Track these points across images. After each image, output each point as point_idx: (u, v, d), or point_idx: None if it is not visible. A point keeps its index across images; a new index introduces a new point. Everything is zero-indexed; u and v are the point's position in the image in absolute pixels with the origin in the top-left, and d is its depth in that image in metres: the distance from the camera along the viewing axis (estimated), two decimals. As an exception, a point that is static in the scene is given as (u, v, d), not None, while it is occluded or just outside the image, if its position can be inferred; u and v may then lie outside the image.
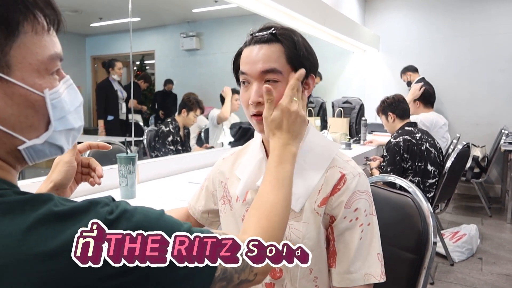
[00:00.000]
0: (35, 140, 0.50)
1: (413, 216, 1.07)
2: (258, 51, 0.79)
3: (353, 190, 0.80)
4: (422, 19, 4.93)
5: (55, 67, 0.51)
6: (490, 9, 4.57)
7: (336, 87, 4.94)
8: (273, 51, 0.79)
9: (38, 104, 0.49)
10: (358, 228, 0.79)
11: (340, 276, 0.79)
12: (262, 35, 0.80)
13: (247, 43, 0.82)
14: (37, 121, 0.49)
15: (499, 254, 2.97)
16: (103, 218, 0.44)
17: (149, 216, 0.49)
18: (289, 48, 0.79)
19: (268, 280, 0.85)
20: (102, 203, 0.47)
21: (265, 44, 0.79)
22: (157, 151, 2.65)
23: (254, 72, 0.79)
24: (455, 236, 2.98)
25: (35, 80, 0.48)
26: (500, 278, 2.58)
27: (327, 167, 0.83)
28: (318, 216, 0.80)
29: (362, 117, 3.53)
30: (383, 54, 5.17)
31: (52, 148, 0.53)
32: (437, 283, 2.51)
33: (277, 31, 0.80)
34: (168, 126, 2.68)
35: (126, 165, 1.44)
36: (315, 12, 3.12)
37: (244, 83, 0.82)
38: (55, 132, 0.52)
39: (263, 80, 0.79)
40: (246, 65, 0.80)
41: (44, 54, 0.49)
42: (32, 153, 0.51)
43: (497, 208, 4.13)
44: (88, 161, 0.81)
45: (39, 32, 0.48)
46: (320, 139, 0.87)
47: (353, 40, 4.20)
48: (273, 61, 0.78)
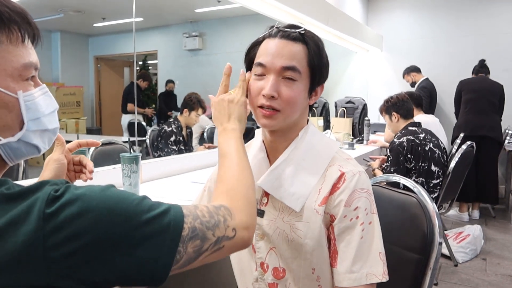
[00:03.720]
0: (10, 139, 0.55)
1: (418, 216, 1.06)
2: (283, 46, 0.79)
3: (353, 189, 0.79)
4: (425, 18, 4.91)
5: (29, 75, 0.57)
6: (494, 9, 4.55)
7: (339, 87, 4.93)
8: (298, 50, 0.79)
9: (12, 104, 0.54)
10: (358, 227, 0.78)
11: (342, 275, 0.78)
12: (290, 32, 0.80)
13: (271, 35, 0.81)
14: (10, 120, 0.54)
15: (503, 255, 2.95)
16: (48, 194, 0.47)
17: (94, 191, 0.50)
18: (313, 52, 0.80)
19: (271, 280, 0.85)
20: (51, 182, 0.50)
21: (292, 42, 0.79)
22: (159, 151, 2.65)
23: (275, 66, 0.78)
24: (459, 237, 2.96)
25: (9, 84, 0.54)
26: (504, 279, 2.56)
27: (327, 166, 0.82)
28: (319, 216, 0.80)
29: (365, 117, 3.52)
30: (386, 54, 5.16)
31: (28, 147, 0.58)
32: (441, 284, 2.50)
33: (305, 32, 0.80)
34: (171, 126, 2.68)
35: (129, 165, 1.44)
36: (318, 12, 3.11)
37: (258, 75, 0.81)
38: (29, 132, 0.57)
39: (281, 76, 0.79)
40: (267, 56, 0.79)
41: (18, 62, 0.54)
42: (8, 151, 0.56)
43: (501, 209, 4.11)
44: (78, 158, 0.87)
45: (13, 42, 0.54)
46: (319, 138, 0.87)
47: (356, 40, 4.19)
48: (296, 60, 0.78)
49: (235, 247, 0.61)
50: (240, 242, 0.61)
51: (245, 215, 0.64)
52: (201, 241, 0.55)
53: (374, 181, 1.36)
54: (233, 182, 0.68)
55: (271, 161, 0.88)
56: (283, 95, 0.78)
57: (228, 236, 0.59)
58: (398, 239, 1.07)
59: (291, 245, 0.82)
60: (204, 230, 0.56)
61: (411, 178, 2.40)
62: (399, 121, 2.59)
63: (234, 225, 0.60)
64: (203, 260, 0.57)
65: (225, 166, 0.72)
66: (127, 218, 0.49)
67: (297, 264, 0.83)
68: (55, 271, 0.45)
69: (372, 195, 0.82)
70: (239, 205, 0.64)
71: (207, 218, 0.57)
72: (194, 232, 0.54)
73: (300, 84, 0.79)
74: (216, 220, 0.58)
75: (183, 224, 0.54)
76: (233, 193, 0.66)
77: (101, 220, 0.47)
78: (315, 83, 0.83)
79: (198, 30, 4.22)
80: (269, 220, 0.84)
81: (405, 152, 2.38)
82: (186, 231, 0.53)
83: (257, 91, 0.80)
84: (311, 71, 0.80)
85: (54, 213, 0.46)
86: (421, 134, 2.45)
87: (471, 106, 3.71)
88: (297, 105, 0.80)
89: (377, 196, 1.18)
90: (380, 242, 0.80)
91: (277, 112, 0.79)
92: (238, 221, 0.61)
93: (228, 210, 0.62)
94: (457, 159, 2.52)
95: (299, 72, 0.79)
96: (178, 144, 2.67)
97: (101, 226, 0.47)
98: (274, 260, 0.85)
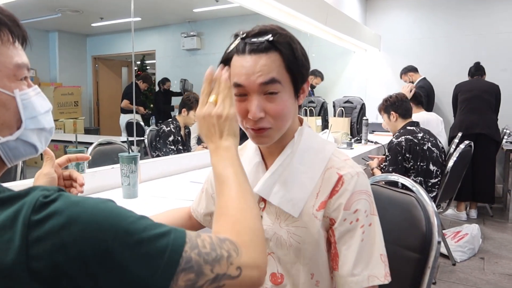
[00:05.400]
0: (9, 137, 0.55)
1: (417, 215, 1.06)
2: (256, 62, 0.73)
3: (351, 191, 0.78)
4: (424, 18, 4.92)
5: (22, 75, 0.57)
6: (492, 8, 4.56)
7: (337, 86, 4.94)
8: (272, 61, 0.74)
9: (9, 103, 0.55)
10: (359, 229, 0.77)
11: (343, 279, 0.77)
12: (258, 43, 0.74)
13: (239, 51, 0.75)
14: (8, 119, 0.55)
15: (501, 254, 2.96)
16: (36, 200, 0.45)
17: (88, 202, 0.47)
18: (288, 57, 0.75)
19: (270, 286, 0.84)
20: (41, 188, 0.48)
21: (263, 54, 0.74)
22: (158, 151, 2.65)
23: (253, 85, 0.74)
24: (457, 236, 2.97)
25: (5, 83, 0.54)
26: (502, 278, 2.57)
27: (324, 169, 0.81)
28: (317, 220, 0.79)
29: (364, 117, 3.52)
30: (384, 54, 5.17)
31: (26, 146, 0.58)
32: (439, 283, 2.51)
33: (275, 38, 0.74)
34: (169, 126, 2.68)
35: (128, 165, 1.44)
36: (316, 12, 3.12)
37: (239, 96, 0.76)
38: (27, 130, 0.57)
39: (263, 92, 0.74)
40: (242, 76, 0.74)
41: (11, 62, 0.55)
42: (7, 151, 0.56)
43: (499, 208, 4.12)
44: (68, 172, 0.85)
45: (5, 43, 0.55)
46: (315, 140, 0.85)
47: (354, 39, 4.20)
48: (273, 71, 0.74)
49: (236, 286, 0.52)
50: (248, 283, 0.53)
51: (254, 251, 0.56)
52: (196, 275, 0.48)
53: (372, 180, 1.36)
54: (236, 214, 0.60)
55: (267, 164, 0.86)
56: (271, 111, 0.75)
57: (230, 275, 0.51)
58: (397, 238, 1.07)
59: (289, 250, 0.81)
60: (200, 264, 0.49)
61: (410, 177, 2.40)
62: (397, 120, 2.59)
63: (240, 263, 0.53)
64: None
65: (225, 195, 0.63)
66: (117, 235, 0.45)
67: (296, 269, 0.82)
68: (38, 284, 0.42)
69: (371, 196, 0.81)
70: (246, 240, 0.56)
71: (208, 250, 0.51)
72: (189, 264, 0.48)
73: (283, 94, 0.75)
74: (219, 254, 0.51)
75: (183, 249, 0.48)
76: (239, 227, 0.58)
77: (88, 234, 0.44)
78: (298, 85, 0.79)
79: (196, 30, 4.21)
80: (266, 226, 0.82)
81: (403, 151, 2.39)
82: (181, 260, 0.48)
83: (243, 113, 0.76)
84: (292, 76, 0.76)
85: (40, 221, 0.44)
86: (419, 133, 2.45)
87: (465, 105, 3.74)
88: (287, 116, 0.77)
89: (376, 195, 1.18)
90: (381, 244, 0.79)
91: (268, 129, 0.77)
92: (245, 259, 0.54)
93: (234, 245, 0.54)
94: (455, 159, 2.53)
95: (279, 82, 0.74)
96: (176, 144, 2.67)
97: (87, 241, 0.44)
98: (272, 266, 0.84)
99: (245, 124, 0.78)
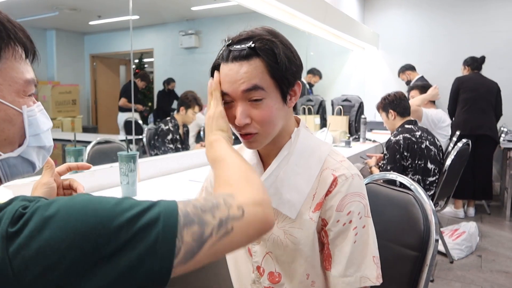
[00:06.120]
0: (10, 154, 0.55)
1: (415, 213, 1.07)
2: (238, 69, 0.74)
3: (345, 193, 0.78)
4: (422, 16, 4.93)
5: (31, 91, 0.57)
6: (490, 7, 4.57)
7: (336, 85, 4.94)
8: (254, 68, 0.74)
9: (16, 118, 0.54)
10: (352, 231, 0.78)
11: (335, 279, 0.79)
12: (240, 50, 0.74)
13: (223, 58, 0.77)
14: (12, 135, 0.54)
15: (498, 251, 2.97)
16: (15, 211, 0.43)
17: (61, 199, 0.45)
18: (271, 63, 0.74)
19: (268, 284, 0.85)
20: (22, 198, 0.46)
21: (245, 61, 0.74)
22: (156, 150, 2.65)
23: (236, 93, 0.75)
24: (455, 234, 2.98)
25: (14, 98, 0.54)
26: (499, 276, 2.58)
27: (320, 170, 0.81)
28: (313, 222, 0.80)
29: (362, 115, 3.53)
30: (383, 52, 5.17)
31: (25, 163, 0.57)
32: (437, 280, 2.52)
33: (256, 45, 0.74)
34: (168, 125, 2.68)
35: (127, 163, 1.43)
36: (314, 10, 3.12)
37: (227, 102, 0.78)
38: (28, 148, 0.57)
39: (247, 99, 0.75)
40: (227, 84, 0.76)
41: (22, 78, 0.55)
42: (5, 168, 0.55)
43: (496, 206, 4.14)
44: (68, 181, 0.82)
45: (17, 59, 0.54)
46: (311, 141, 0.85)
47: (352, 38, 4.20)
48: (256, 78, 0.74)
49: (251, 228, 0.51)
50: (255, 221, 0.51)
51: (251, 192, 0.55)
52: (199, 226, 0.47)
53: (371, 178, 1.36)
54: (229, 175, 0.61)
55: (264, 166, 0.87)
56: (256, 117, 0.76)
57: (234, 216, 0.50)
58: (395, 236, 1.08)
59: (286, 251, 0.82)
60: (199, 214, 0.48)
61: (408, 175, 2.41)
62: (395, 118, 2.60)
63: (239, 203, 0.51)
64: (213, 250, 0.48)
65: (219, 169, 0.65)
66: (103, 221, 0.43)
67: (293, 269, 0.83)
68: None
69: (366, 199, 0.81)
70: (240, 186, 0.57)
71: (202, 202, 0.50)
72: (188, 218, 0.47)
73: (268, 100, 0.75)
74: (215, 202, 0.50)
75: (177, 209, 0.47)
76: (233, 181, 0.59)
77: (69, 229, 0.41)
78: (285, 89, 0.77)
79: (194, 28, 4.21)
80: None
81: (401, 150, 2.39)
82: (180, 217, 0.47)
83: (232, 120, 0.77)
84: (276, 81, 0.76)
85: (18, 231, 0.41)
86: (417, 132, 2.46)
87: (470, 105, 3.71)
88: (273, 121, 0.77)
89: (374, 193, 1.19)
90: (374, 246, 0.80)
91: (255, 134, 0.77)
92: (243, 199, 0.52)
93: (227, 193, 0.54)
94: (453, 157, 2.54)
95: (262, 88, 0.74)
96: (175, 142, 2.67)
97: (71, 236, 0.41)
98: (270, 265, 0.85)
99: (234, 130, 0.80)
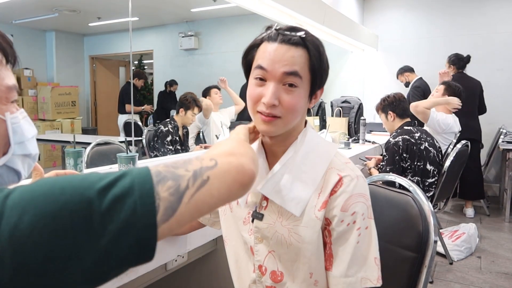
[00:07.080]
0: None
1: (413, 215, 1.07)
2: (285, 52, 0.76)
3: (350, 193, 0.78)
4: (421, 18, 4.94)
5: (13, 97, 0.55)
6: (489, 8, 4.58)
7: (335, 86, 4.95)
8: (299, 55, 0.77)
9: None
10: (355, 231, 0.78)
11: (336, 279, 0.79)
12: (290, 36, 0.77)
13: (271, 38, 0.78)
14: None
15: (497, 252, 2.98)
16: None
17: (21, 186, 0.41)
18: (314, 57, 0.78)
19: (270, 283, 0.85)
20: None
21: (293, 46, 0.77)
22: (156, 151, 2.65)
23: (276, 72, 0.76)
24: (454, 235, 2.98)
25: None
26: (499, 277, 2.58)
27: (326, 170, 0.82)
28: (318, 221, 0.79)
29: (361, 117, 3.53)
30: (382, 54, 5.18)
31: (10, 173, 0.55)
32: (436, 281, 2.52)
33: (307, 37, 0.78)
34: (167, 126, 2.68)
35: (126, 165, 1.43)
36: (314, 12, 3.12)
37: (258, 79, 0.78)
38: (14, 156, 0.54)
39: (282, 82, 0.77)
40: (268, 61, 0.77)
41: (3, 84, 0.53)
42: None
43: (496, 207, 4.14)
44: None
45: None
46: (318, 141, 0.86)
47: (351, 39, 4.21)
48: (297, 65, 0.76)
49: (228, 176, 0.49)
50: (230, 168, 0.49)
51: (224, 146, 0.54)
52: (173, 180, 0.45)
53: (370, 180, 1.36)
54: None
55: (270, 164, 0.87)
56: (284, 102, 0.77)
57: (207, 166, 0.48)
58: (393, 238, 1.08)
59: (290, 249, 0.82)
60: (171, 170, 0.46)
61: (407, 177, 2.41)
62: (394, 120, 2.60)
63: (211, 155, 0.50)
64: (193, 203, 0.45)
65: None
66: (73, 197, 0.39)
67: (296, 268, 0.83)
68: None
69: (369, 200, 0.81)
70: (213, 148, 0.56)
71: (173, 161, 0.48)
72: (160, 175, 0.44)
73: (301, 90, 0.78)
74: (186, 159, 0.48)
75: (150, 173, 0.44)
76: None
77: (38, 212, 0.37)
78: (315, 88, 0.81)
79: (194, 30, 4.21)
80: (268, 224, 0.83)
81: (400, 151, 2.40)
82: (153, 175, 0.44)
83: (257, 97, 0.78)
84: (312, 76, 0.79)
85: None
86: (417, 133, 2.46)
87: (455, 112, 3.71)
88: (298, 111, 0.79)
89: (374, 195, 1.19)
90: (375, 247, 0.80)
91: (278, 118, 0.78)
92: (215, 152, 0.51)
93: (199, 154, 0.52)
94: (452, 158, 2.54)
95: (300, 77, 0.77)
96: (174, 144, 2.67)
97: (41, 220, 0.37)
98: (272, 264, 0.85)
99: (257, 107, 0.79)
